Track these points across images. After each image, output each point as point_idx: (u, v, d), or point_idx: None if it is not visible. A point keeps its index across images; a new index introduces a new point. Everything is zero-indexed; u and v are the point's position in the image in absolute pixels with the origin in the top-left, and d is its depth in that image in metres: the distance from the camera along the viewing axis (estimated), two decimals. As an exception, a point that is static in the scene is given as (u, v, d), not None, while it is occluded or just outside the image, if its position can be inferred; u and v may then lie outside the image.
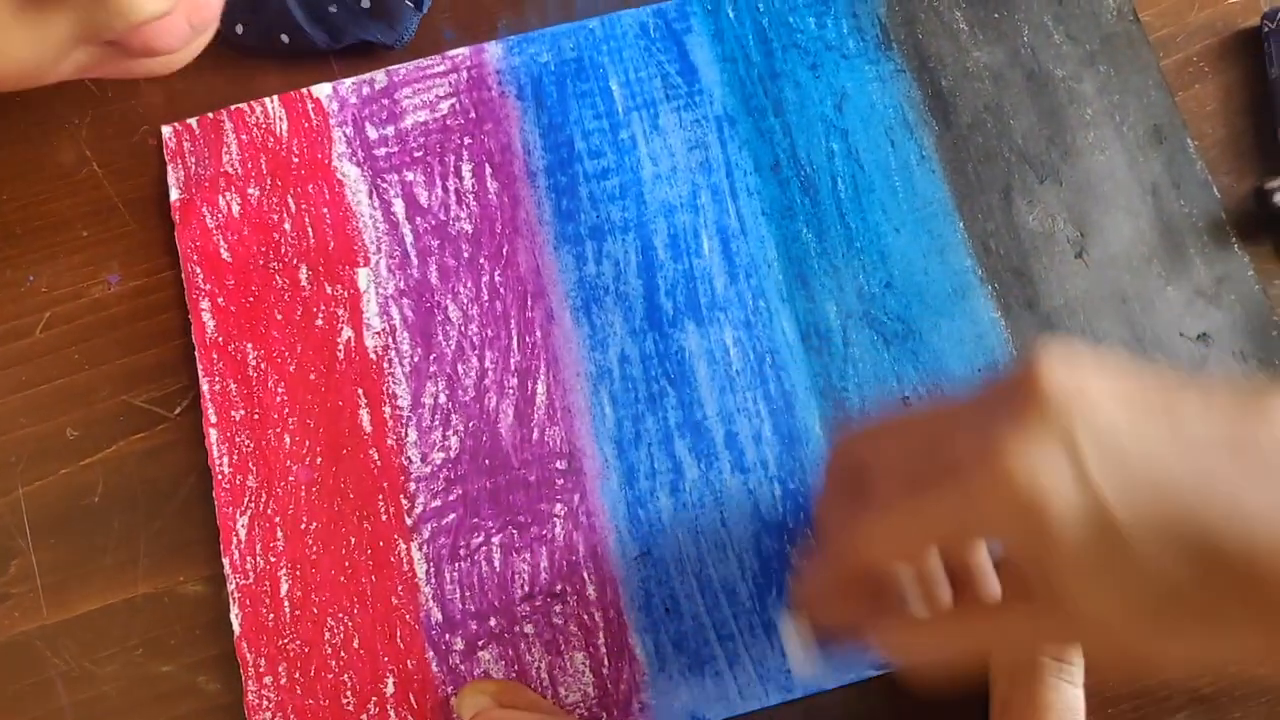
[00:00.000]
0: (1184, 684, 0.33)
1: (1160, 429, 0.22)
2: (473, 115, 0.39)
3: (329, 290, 0.37)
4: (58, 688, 0.34)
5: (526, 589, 0.34)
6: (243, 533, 0.35)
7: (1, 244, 0.38)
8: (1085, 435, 0.22)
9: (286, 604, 0.34)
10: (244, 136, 0.39)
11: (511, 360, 0.37)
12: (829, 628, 0.31)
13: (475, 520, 0.35)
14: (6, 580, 0.35)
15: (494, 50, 0.40)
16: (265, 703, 0.33)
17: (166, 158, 0.39)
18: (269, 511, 0.35)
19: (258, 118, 0.39)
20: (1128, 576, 0.22)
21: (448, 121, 0.39)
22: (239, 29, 0.39)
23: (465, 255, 0.38)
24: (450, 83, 0.40)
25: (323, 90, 0.39)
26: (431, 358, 0.37)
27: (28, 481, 0.36)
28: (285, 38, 0.38)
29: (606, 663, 0.34)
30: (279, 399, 0.36)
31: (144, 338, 0.37)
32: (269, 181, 0.38)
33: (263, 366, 0.36)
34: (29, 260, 0.38)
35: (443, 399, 0.36)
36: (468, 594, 0.34)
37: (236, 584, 0.34)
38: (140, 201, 0.39)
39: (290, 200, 0.38)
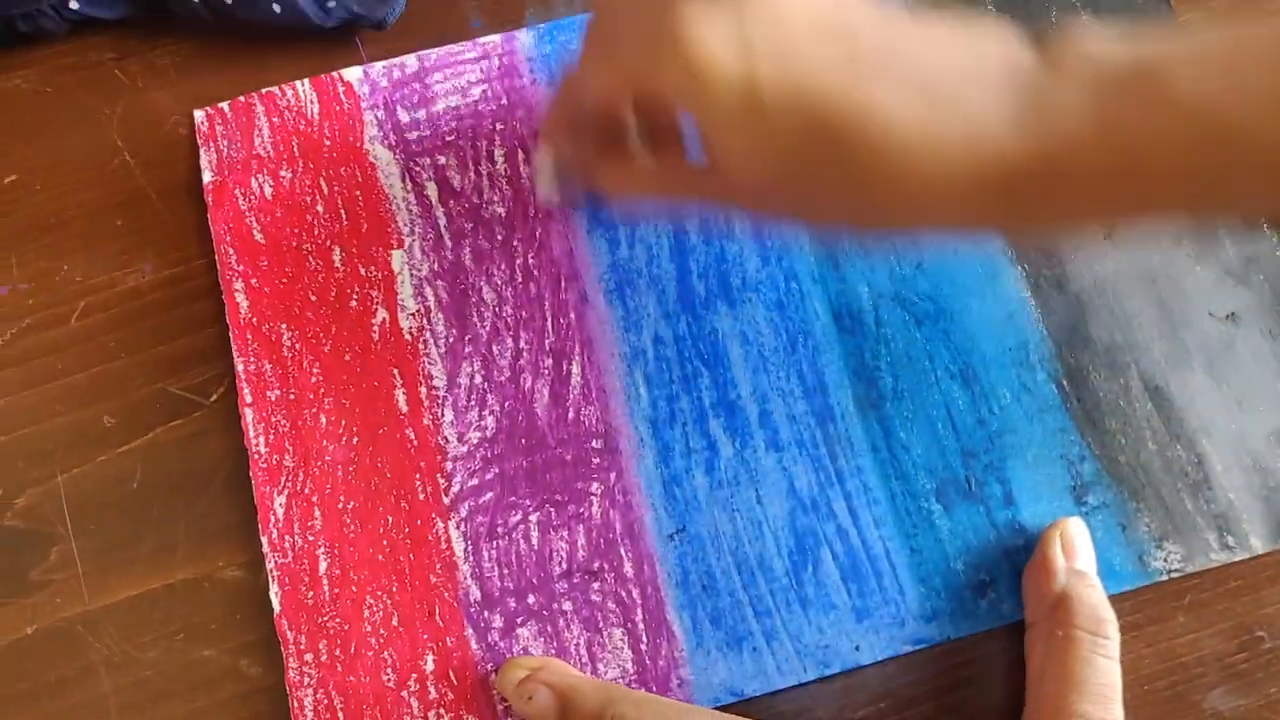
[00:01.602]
0: (1219, 659, 0.34)
1: (831, 41, 0.25)
2: (504, 101, 0.39)
3: (363, 272, 0.37)
4: (100, 672, 0.34)
5: (564, 566, 0.35)
6: (280, 512, 0.35)
7: (37, 233, 0.38)
8: (759, 19, 0.25)
9: (325, 582, 0.34)
10: (275, 119, 0.39)
11: (546, 341, 0.37)
12: (568, 163, 0.35)
13: (513, 499, 0.35)
14: (47, 567, 0.35)
15: (524, 38, 0.40)
16: (306, 679, 0.33)
17: (199, 141, 0.39)
18: (306, 491, 0.35)
19: (289, 100, 0.39)
20: (760, 136, 0.26)
21: (479, 107, 0.39)
22: (228, -1, 0.39)
23: (499, 238, 0.38)
24: (481, 69, 0.40)
25: (353, 74, 0.40)
26: (466, 339, 0.37)
27: (66, 469, 0.36)
28: (277, 7, 0.38)
29: (645, 639, 0.34)
30: (314, 379, 0.36)
31: (179, 325, 0.37)
32: (301, 164, 0.39)
33: (298, 347, 0.37)
34: (64, 249, 0.38)
35: (478, 379, 0.36)
36: (506, 572, 0.35)
37: (275, 562, 0.34)
38: (172, 190, 0.39)
39: (322, 182, 0.38)
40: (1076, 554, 0.33)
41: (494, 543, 0.35)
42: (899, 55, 0.25)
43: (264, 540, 0.35)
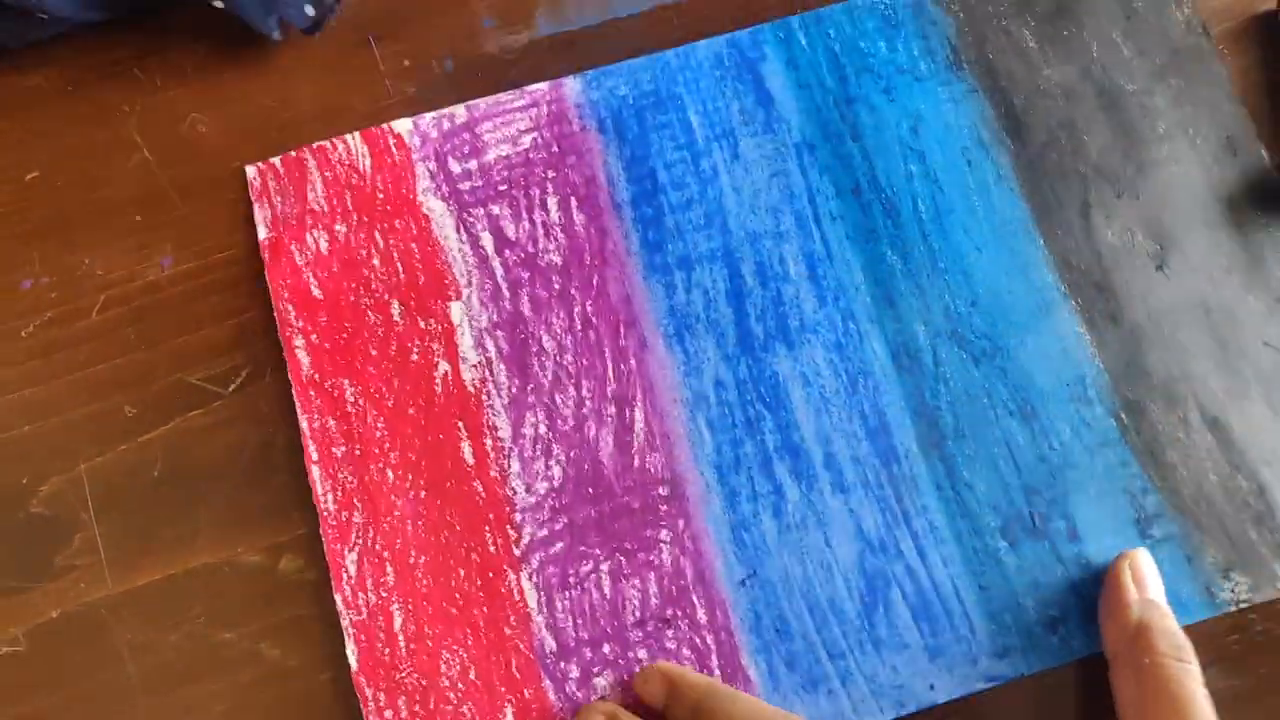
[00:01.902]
0: (1213, 640, 0.35)
1: None
2: (555, 149, 0.40)
3: (422, 325, 0.38)
4: (124, 655, 0.35)
5: (638, 615, 0.35)
6: (352, 569, 0.35)
7: (58, 229, 0.39)
8: None
9: (401, 638, 0.35)
10: (328, 174, 0.39)
11: (608, 389, 0.37)
12: None
13: (583, 548, 0.36)
14: (71, 553, 0.36)
15: (572, 85, 0.40)
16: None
17: (252, 197, 0.39)
18: (377, 547, 0.35)
19: (340, 155, 0.40)
20: None
21: (530, 155, 0.40)
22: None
23: (556, 287, 0.38)
24: (530, 117, 0.40)
25: (403, 125, 0.40)
26: (529, 388, 0.37)
27: (88, 458, 0.37)
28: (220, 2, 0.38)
29: (721, 685, 0.34)
30: (379, 434, 0.37)
31: (197, 318, 0.38)
32: (355, 218, 0.39)
33: (361, 403, 0.37)
34: (84, 244, 0.39)
35: (543, 429, 0.37)
36: (580, 621, 0.35)
37: (350, 620, 0.35)
38: (190, 186, 0.39)
39: (378, 236, 0.39)
40: (1147, 584, 0.34)
41: (566, 593, 0.35)
42: None
43: (338, 598, 0.35)
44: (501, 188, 0.39)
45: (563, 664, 0.35)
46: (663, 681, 0.33)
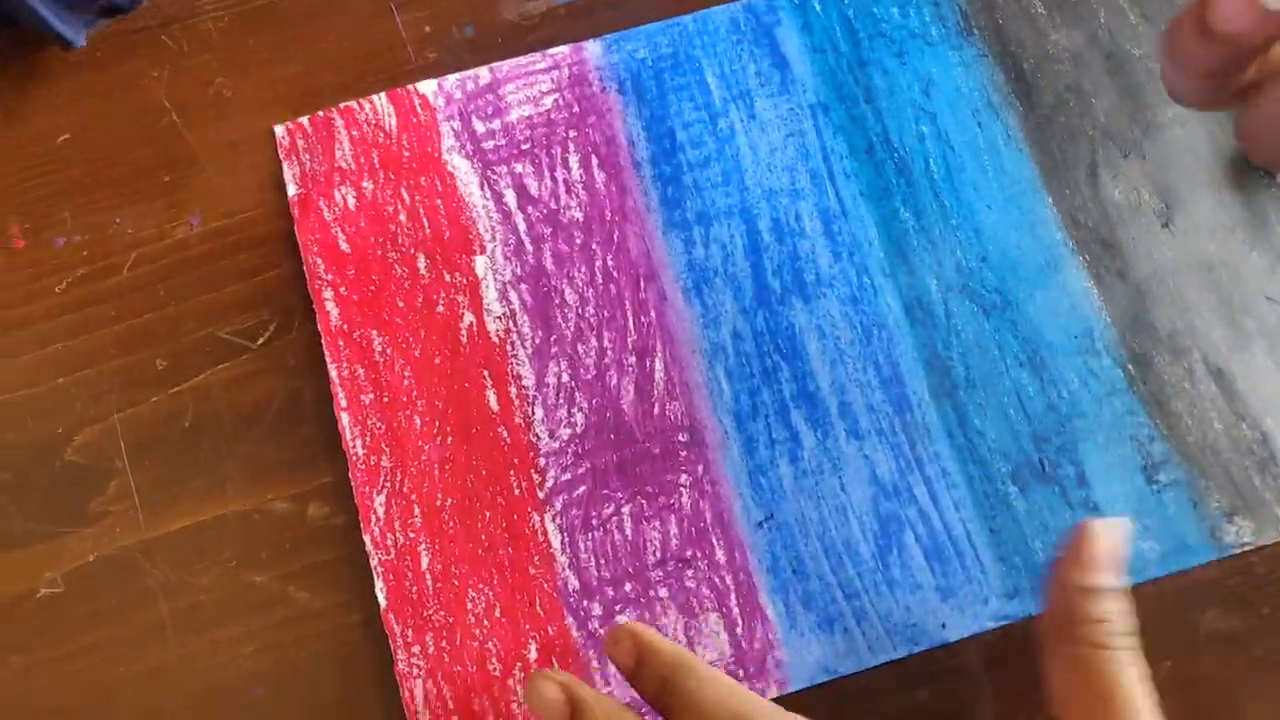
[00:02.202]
0: (1215, 583, 0.36)
1: None
2: (576, 110, 0.41)
3: (448, 278, 0.39)
4: (157, 597, 0.36)
5: (658, 555, 0.36)
6: (381, 511, 0.36)
7: (89, 189, 0.40)
8: None
9: (428, 577, 0.36)
10: (354, 133, 0.40)
11: (629, 340, 0.38)
12: None
13: (605, 492, 0.37)
14: (105, 499, 0.37)
15: (592, 48, 0.41)
16: (415, 670, 0.35)
17: (280, 155, 0.40)
18: (405, 490, 0.36)
19: (367, 114, 0.41)
20: None
21: (552, 116, 0.41)
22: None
23: (577, 242, 0.39)
24: (552, 79, 0.41)
25: (428, 87, 0.41)
26: (552, 339, 0.38)
27: (121, 408, 0.38)
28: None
29: (740, 622, 0.35)
30: (406, 383, 0.38)
31: (225, 275, 0.39)
32: (382, 175, 0.40)
33: (388, 352, 0.38)
34: (115, 204, 0.40)
35: (565, 378, 0.38)
36: (602, 562, 0.36)
37: (379, 559, 0.36)
38: (217, 149, 0.41)
39: (404, 193, 0.40)
40: (1092, 564, 0.31)
41: (589, 534, 0.36)
42: None
43: (366, 538, 0.36)
44: (524, 146, 0.40)
45: (585, 602, 0.36)
46: (633, 647, 0.31)
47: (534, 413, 0.37)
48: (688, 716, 0.30)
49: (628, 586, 0.36)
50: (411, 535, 0.36)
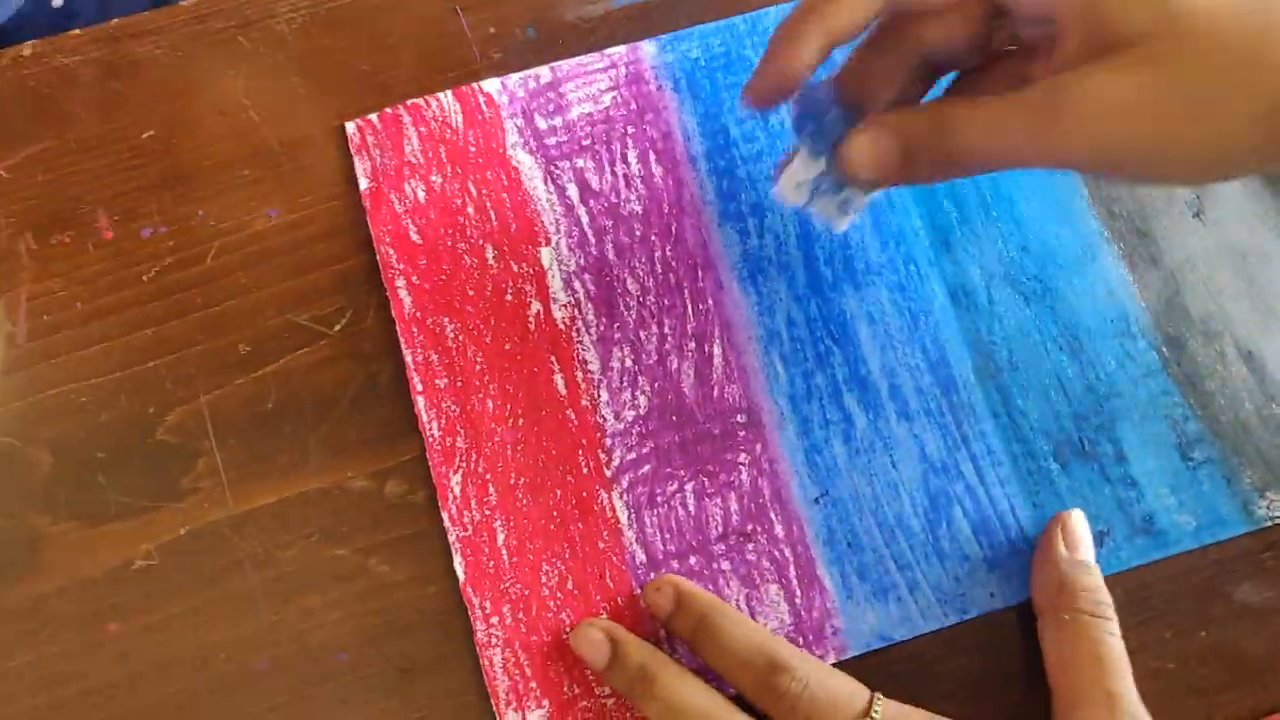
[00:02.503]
0: (1248, 557, 0.38)
1: None
2: (634, 107, 0.43)
3: (515, 268, 0.41)
4: (246, 568, 0.38)
5: (720, 530, 0.38)
6: (457, 489, 0.38)
7: (173, 183, 0.42)
8: None
9: (504, 552, 0.38)
10: (422, 129, 0.42)
11: (688, 326, 0.40)
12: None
13: (668, 470, 0.39)
14: (195, 476, 0.39)
15: (648, 48, 0.43)
16: (493, 640, 0.37)
17: (352, 150, 0.42)
18: (479, 469, 0.39)
19: (434, 112, 0.43)
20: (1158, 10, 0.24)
21: (611, 112, 0.43)
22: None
23: (637, 234, 0.41)
24: (610, 77, 0.43)
25: (492, 85, 0.43)
26: (615, 326, 0.40)
27: (208, 390, 0.40)
28: None
29: (799, 593, 0.37)
30: (478, 367, 0.40)
31: (303, 265, 0.41)
32: (449, 169, 0.42)
33: (460, 338, 0.40)
34: (199, 197, 0.42)
35: (629, 363, 0.40)
36: (667, 536, 0.38)
37: (457, 535, 0.38)
38: (294, 143, 0.43)
39: (471, 186, 0.42)
40: (1079, 544, 0.36)
41: (654, 510, 0.38)
42: None
43: (444, 515, 0.38)
44: (585, 142, 0.42)
45: (652, 574, 0.38)
46: (673, 594, 0.35)
47: (600, 395, 0.39)
48: (719, 650, 0.33)
49: (692, 559, 0.38)
50: (487, 512, 0.38)
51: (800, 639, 0.37)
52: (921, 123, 0.29)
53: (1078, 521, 0.36)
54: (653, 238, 0.41)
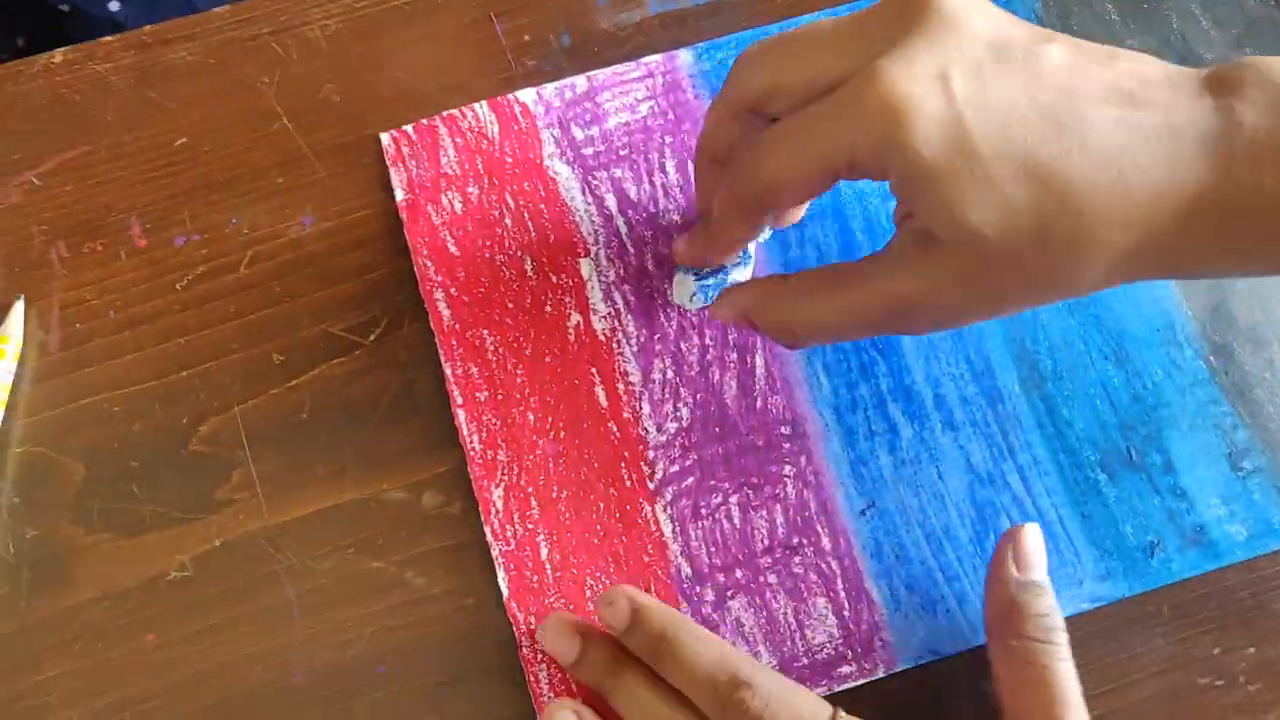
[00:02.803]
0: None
1: (1021, 70, 0.26)
2: (671, 116, 0.42)
3: (554, 279, 0.40)
4: (282, 580, 0.38)
5: (766, 543, 0.38)
6: (499, 503, 0.38)
7: (206, 190, 0.42)
8: (959, 57, 0.26)
9: (548, 567, 0.37)
10: (458, 140, 0.42)
11: (730, 337, 0.40)
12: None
13: (712, 483, 0.38)
14: (230, 487, 0.39)
15: (684, 56, 0.43)
16: (539, 656, 0.36)
17: (388, 162, 0.42)
18: (521, 483, 0.38)
19: (470, 122, 0.42)
20: (978, 187, 0.26)
21: (648, 122, 0.42)
22: None
23: (677, 243, 0.41)
24: (647, 87, 0.43)
25: (528, 95, 0.43)
26: (656, 337, 0.40)
27: (242, 400, 0.39)
28: None
29: (847, 606, 0.37)
30: (519, 380, 0.39)
31: (337, 273, 0.41)
32: (486, 181, 0.42)
33: (501, 351, 0.40)
34: (231, 205, 0.42)
35: (670, 374, 0.39)
36: (713, 549, 0.38)
37: (500, 550, 0.37)
38: (327, 151, 0.42)
39: (508, 197, 0.41)
40: (1030, 565, 0.35)
41: (699, 523, 0.38)
42: (1080, 111, 0.26)
43: (487, 530, 0.38)
44: (622, 152, 0.42)
45: (698, 588, 0.37)
46: (628, 607, 0.34)
47: (641, 408, 0.39)
48: (679, 667, 0.33)
49: (738, 573, 0.37)
50: (530, 526, 0.38)
51: (849, 652, 0.37)
52: (752, 299, 0.34)
53: (1030, 538, 0.35)
54: (692, 248, 0.41)
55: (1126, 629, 0.37)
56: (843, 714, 0.32)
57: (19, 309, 0.39)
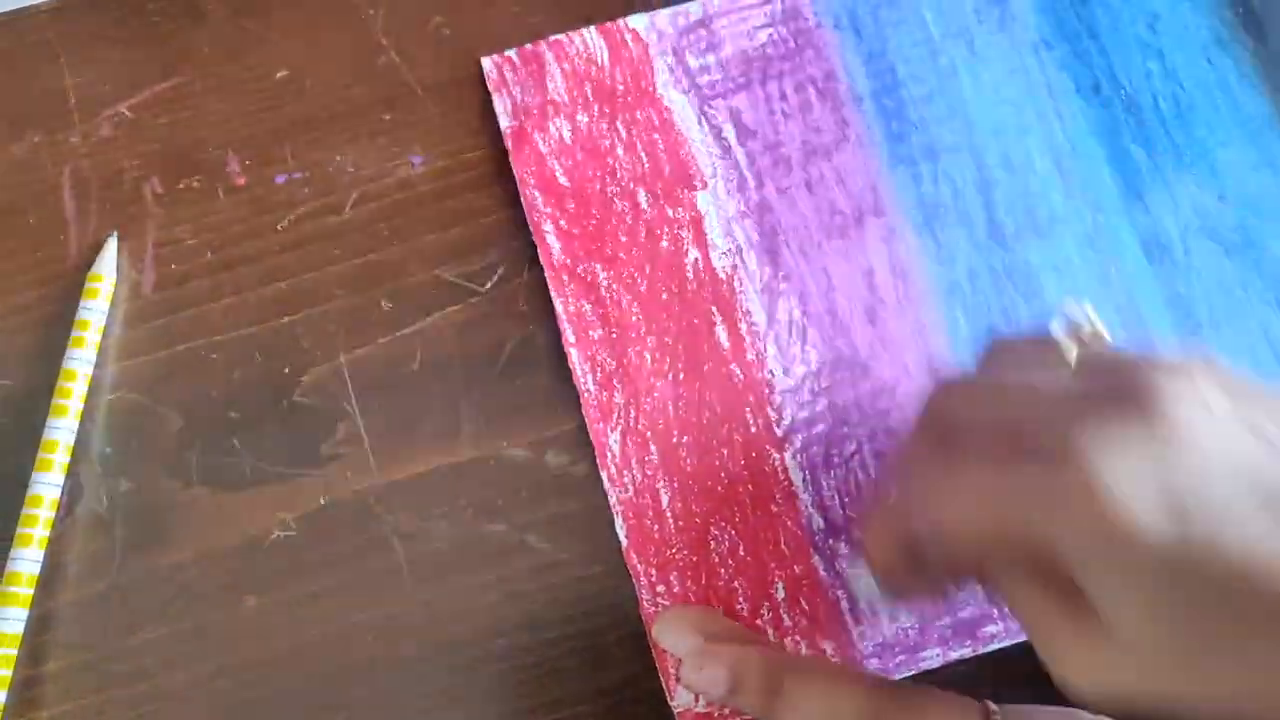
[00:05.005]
0: None
1: (1260, 504, 0.21)
2: (791, 44, 0.40)
3: (670, 213, 0.38)
4: (393, 543, 0.35)
5: (904, 495, 0.35)
6: (616, 448, 0.35)
7: (308, 127, 0.39)
8: (1184, 468, 0.22)
9: (669, 515, 0.35)
10: (566, 66, 0.39)
11: (859, 275, 0.37)
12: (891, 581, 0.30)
13: (845, 429, 0.36)
14: (335, 442, 0.36)
15: (805, -18, 0.40)
16: (661, 609, 0.34)
17: (490, 88, 0.39)
18: (639, 427, 0.36)
19: (577, 48, 0.40)
20: (1182, 613, 0.21)
21: (767, 50, 0.40)
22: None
23: (801, 177, 0.38)
24: (765, 14, 0.40)
25: (639, 21, 0.40)
26: (780, 275, 0.37)
27: (348, 349, 0.37)
28: None
29: (993, 563, 0.34)
30: (634, 318, 0.37)
31: (450, 216, 0.38)
32: (596, 109, 0.39)
33: (614, 287, 0.37)
34: (335, 142, 0.39)
35: (796, 314, 0.37)
36: (847, 500, 0.35)
37: (617, 497, 0.35)
38: (437, 87, 0.39)
39: (620, 127, 0.39)
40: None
41: (831, 472, 0.35)
42: None
43: (603, 475, 0.35)
44: (740, 81, 0.39)
45: (831, 540, 0.35)
46: (726, 675, 0.31)
47: (766, 350, 0.36)
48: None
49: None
50: (649, 473, 0.35)
51: (995, 609, 0.34)
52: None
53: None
54: (817, 181, 0.38)
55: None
56: (992, 706, 0.29)
57: (111, 246, 0.37)
